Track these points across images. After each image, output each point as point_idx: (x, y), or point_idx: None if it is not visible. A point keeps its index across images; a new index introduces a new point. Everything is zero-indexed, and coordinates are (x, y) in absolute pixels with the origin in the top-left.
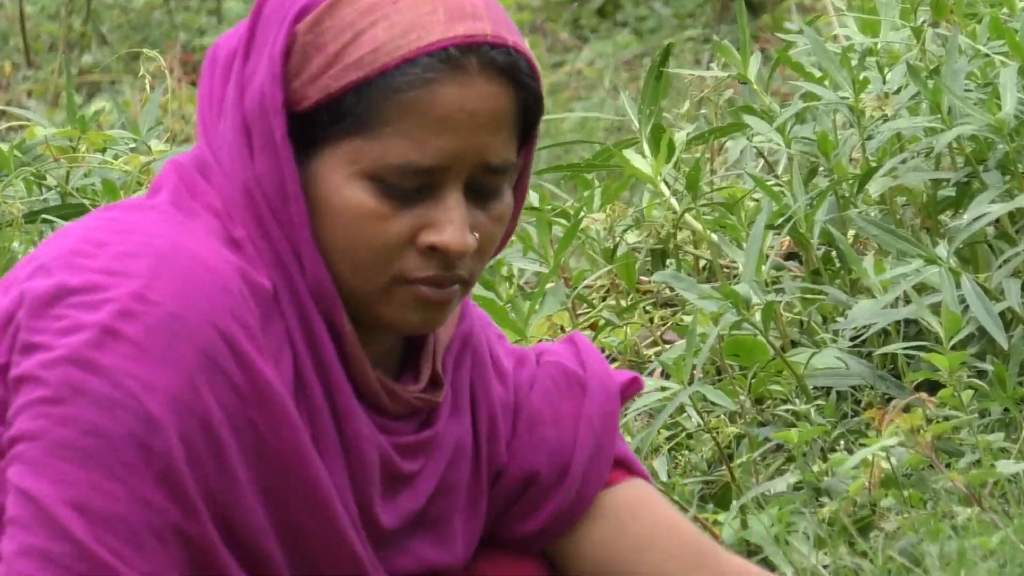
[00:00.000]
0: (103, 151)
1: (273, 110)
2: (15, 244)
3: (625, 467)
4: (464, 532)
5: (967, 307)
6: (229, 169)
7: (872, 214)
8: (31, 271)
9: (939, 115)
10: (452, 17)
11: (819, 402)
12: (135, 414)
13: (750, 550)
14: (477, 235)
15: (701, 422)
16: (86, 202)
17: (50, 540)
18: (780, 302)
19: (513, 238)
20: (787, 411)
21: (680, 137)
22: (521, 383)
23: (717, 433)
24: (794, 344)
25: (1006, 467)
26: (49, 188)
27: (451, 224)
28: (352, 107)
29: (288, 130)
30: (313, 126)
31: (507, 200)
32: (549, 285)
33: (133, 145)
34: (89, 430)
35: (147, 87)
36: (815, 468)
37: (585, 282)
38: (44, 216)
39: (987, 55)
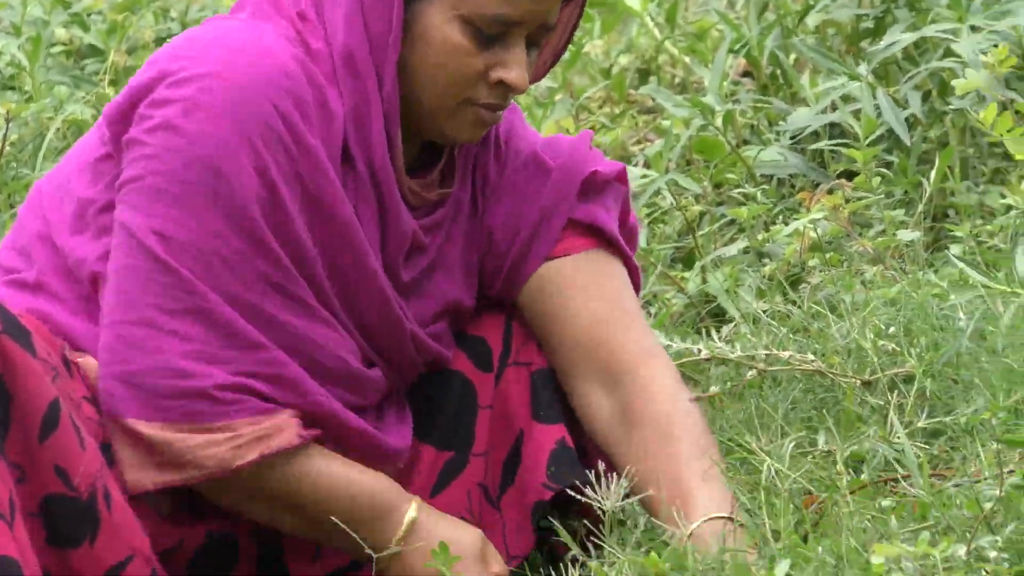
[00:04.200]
0: None
1: None
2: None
3: (598, 237)
4: (465, 273)
5: (880, 113)
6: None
7: (809, 41)
8: (149, 61)
9: None
10: None
11: (764, 187)
12: (207, 166)
13: (708, 299)
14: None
15: (674, 202)
16: None
17: (139, 259)
18: (736, 110)
19: None
20: (740, 193)
21: None
22: (508, 162)
23: (685, 211)
24: (746, 142)
25: (904, 235)
26: (172, 19)
27: (517, 66)
28: None
29: None
30: None
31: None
32: (558, 97)
33: None
34: (173, 178)
35: None
36: (759, 237)
37: (586, 95)
38: (168, 41)
39: None
